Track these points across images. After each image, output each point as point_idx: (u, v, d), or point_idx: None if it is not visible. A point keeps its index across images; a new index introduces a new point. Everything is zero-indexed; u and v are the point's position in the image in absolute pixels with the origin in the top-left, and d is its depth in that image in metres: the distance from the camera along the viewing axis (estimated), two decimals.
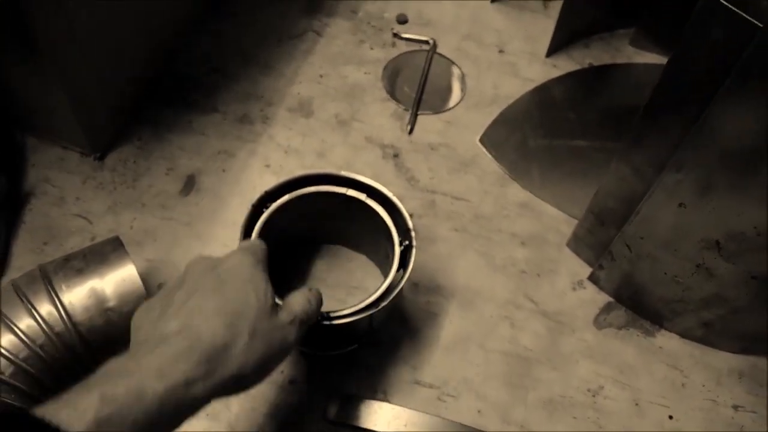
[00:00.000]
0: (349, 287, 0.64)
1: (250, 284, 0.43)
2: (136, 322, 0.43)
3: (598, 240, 0.65)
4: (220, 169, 0.71)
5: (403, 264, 0.56)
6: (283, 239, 0.60)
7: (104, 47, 0.65)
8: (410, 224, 0.57)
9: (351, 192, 0.59)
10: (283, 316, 0.44)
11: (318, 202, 0.59)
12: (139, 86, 0.74)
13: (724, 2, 0.43)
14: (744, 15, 0.43)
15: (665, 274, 0.60)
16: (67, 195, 0.68)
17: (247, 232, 0.56)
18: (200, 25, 0.81)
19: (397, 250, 0.56)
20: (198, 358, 0.38)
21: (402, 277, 0.55)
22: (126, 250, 0.55)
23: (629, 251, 0.60)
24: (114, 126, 0.72)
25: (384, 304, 0.53)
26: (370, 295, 0.54)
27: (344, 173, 0.59)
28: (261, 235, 0.56)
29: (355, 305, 0.53)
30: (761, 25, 0.42)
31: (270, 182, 0.58)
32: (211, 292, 0.42)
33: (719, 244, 0.54)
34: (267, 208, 0.57)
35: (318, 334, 0.54)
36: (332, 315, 0.52)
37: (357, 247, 0.66)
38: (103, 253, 0.54)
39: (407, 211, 0.57)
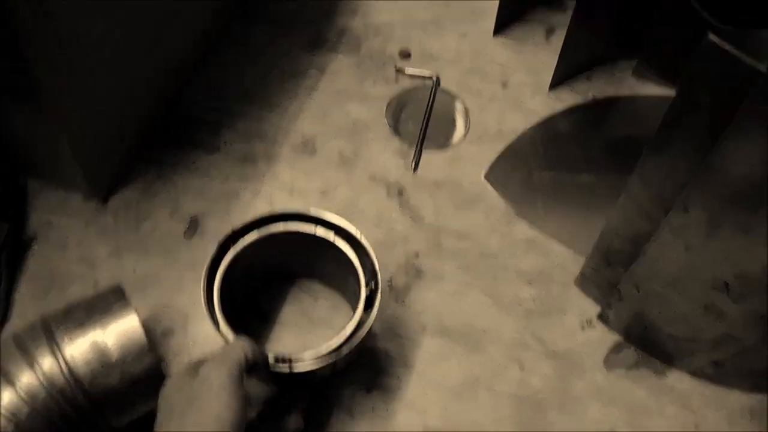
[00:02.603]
0: (316, 324, 0.64)
1: (225, 401, 0.44)
2: None
3: (606, 279, 0.64)
4: (224, 211, 0.70)
5: (370, 306, 0.56)
6: (251, 274, 0.61)
7: (107, 92, 0.66)
8: (377, 266, 0.56)
9: (319, 231, 0.59)
10: (251, 414, 0.48)
11: (286, 240, 0.60)
12: (142, 127, 0.74)
13: (727, 47, 0.42)
14: (746, 59, 0.42)
15: (674, 313, 0.59)
16: (69, 239, 0.68)
17: (211, 272, 0.56)
18: (203, 63, 0.81)
19: (363, 292, 0.56)
20: None
21: (367, 321, 0.54)
22: (128, 301, 0.54)
23: (637, 291, 0.60)
24: (117, 168, 0.72)
25: (347, 351, 0.53)
26: (333, 340, 0.53)
27: (313, 211, 0.59)
28: (226, 273, 0.56)
29: (317, 351, 0.53)
30: (764, 70, 0.41)
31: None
32: (189, 412, 0.43)
33: (728, 285, 0.53)
34: (234, 246, 0.57)
35: (277, 381, 0.54)
36: (292, 361, 0.52)
37: (327, 282, 0.66)
38: (106, 304, 0.54)
39: (412, 250, 0.57)
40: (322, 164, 0.74)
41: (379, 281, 0.56)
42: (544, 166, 0.75)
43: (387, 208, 0.71)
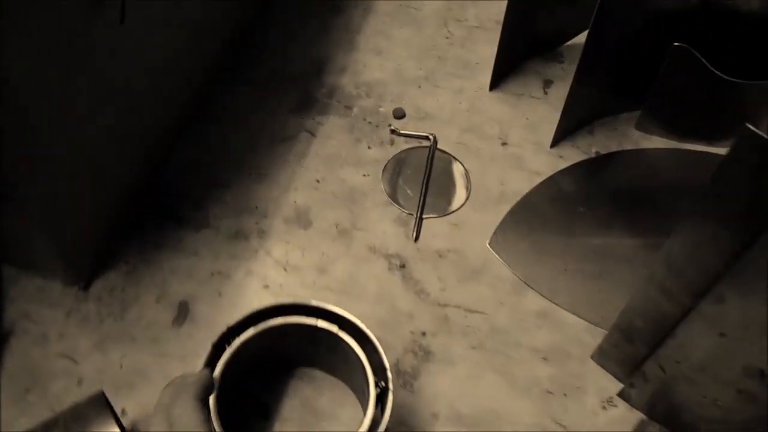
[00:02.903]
0: (321, 417, 0.59)
1: None
2: None
3: (626, 355, 0.60)
4: (215, 293, 0.66)
5: (380, 404, 0.51)
6: (251, 367, 0.57)
7: (81, 175, 0.61)
8: (386, 364, 0.52)
9: (321, 323, 0.55)
10: None
11: (287, 334, 0.55)
12: (122, 205, 0.70)
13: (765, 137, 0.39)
14: None
15: (704, 397, 0.55)
16: (49, 332, 0.63)
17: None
18: (185, 131, 0.77)
19: (372, 392, 0.51)
20: None
21: (380, 426, 0.50)
22: (111, 411, 0.49)
23: (663, 373, 0.56)
24: (97, 252, 0.67)
25: None
26: None
27: (314, 302, 0.55)
28: (225, 371, 0.52)
29: None
30: None
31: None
32: None
33: (763, 373, 0.50)
34: (230, 344, 0.53)
35: None
36: None
37: (332, 372, 0.61)
38: (86, 418, 0.49)
39: (418, 329, 0.53)
40: (317, 237, 0.70)
41: (390, 379, 0.52)
42: (551, 229, 0.71)
43: (389, 282, 0.67)
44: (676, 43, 0.69)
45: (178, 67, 0.72)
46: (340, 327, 0.54)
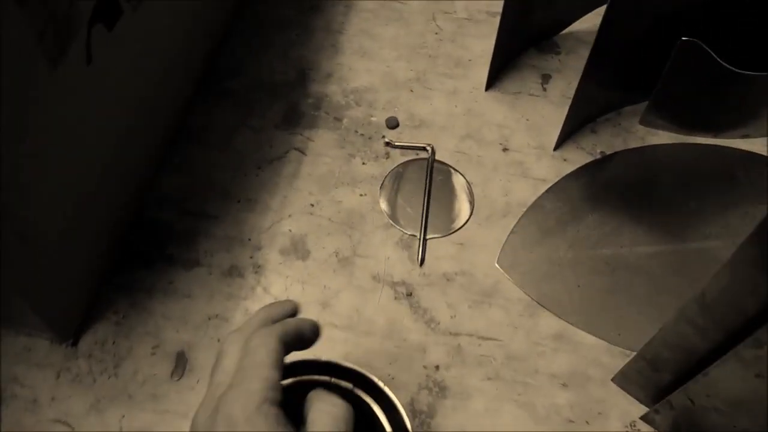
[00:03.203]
0: None
1: (259, 415, 0.37)
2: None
3: (651, 381, 0.58)
4: (214, 339, 0.62)
5: None
6: None
7: (59, 220, 0.56)
8: (408, 424, 0.47)
9: (335, 380, 0.51)
10: None
11: (297, 391, 0.52)
12: (106, 249, 0.65)
13: None
14: None
15: (734, 426, 0.53)
16: (40, 395, 0.59)
17: None
18: (166, 158, 0.72)
19: None
20: None
21: None
22: None
23: (692, 404, 0.54)
24: (84, 303, 0.63)
25: None
26: None
27: (325, 359, 0.51)
28: None
29: None
30: None
31: None
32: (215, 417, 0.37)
33: None
34: None
35: None
36: None
37: None
38: None
39: (431, 363, 0.50)
40: (317, 268, 0.66)
41: None
42: (559, 242, 0.68)
43: (397, 313, 0.64)
44: (684, 38, 0.65)
45: (156, 95, 0.66)
46: (356, 384, 0.51)
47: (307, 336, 0.45)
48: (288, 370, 0.51)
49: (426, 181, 0.71)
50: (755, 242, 0.41)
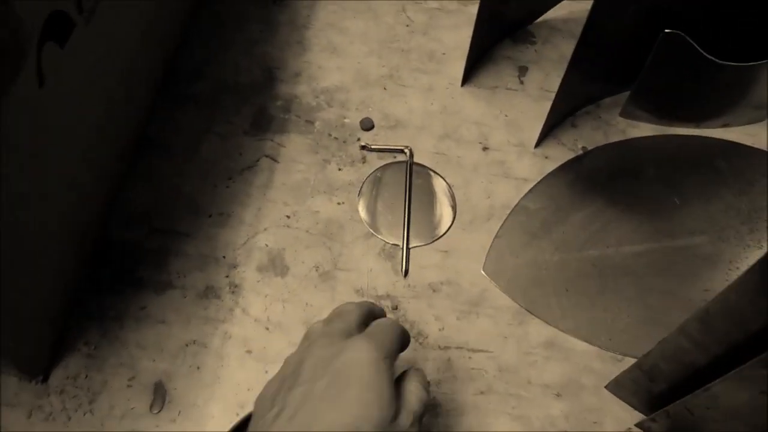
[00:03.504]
0: None
1: (372, 392, 0.38)
2: (256, 410, 0.43)
3: (645, 390, 0.57)
4: (193, 367, 0.59)
5: None
6: None
7: (19, 248, 0.52)
8: None
9: None
10: (403, 421, 0.39)
11: None
12: (72, 275, 0.61)
13: None
14: None
15: None
16: None
17: None
18: (129, 171, 0.67)
19: None
20: None
21: None
22: None
23: (691, 415, 0.53)
24: (51, 335, 0.59)
25: None
26: None
27: None
28: None
29: None
30: None
31: (254, 373, 0.54)
32: (327, 400, 0.38)
33: None
34: None
35: None
36: None
37: None
38: None
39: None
40: (297, 285, 0.63)
41: None
42: (545, 245, 0.66)
43: None
44: (667, 30, 0.63)
45: (115, 108, 0.61)
46: None
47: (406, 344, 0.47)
48: None
49: (406, 186, 0.68)
50: (762, 269, 0.40)
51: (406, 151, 0.70)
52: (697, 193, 0.70)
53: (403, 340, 0.45)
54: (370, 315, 0.47)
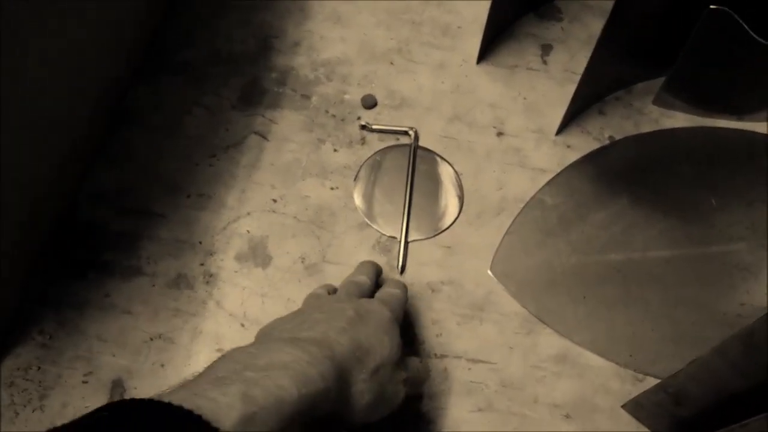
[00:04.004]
0: None
1: (386, 334, 0.44)
2: (264, 329, 0.44)
3: (671, 414, 0.49)
4: (157, 364, 0.53)
5: None
6: None
7: None
8: None
9: None
10: (401, 374, 0.44)
11: None
12: (29, 257, 0.55)
13: None
14: None
15: None
16: None
17: None
18: (102, 146, 0.61)
19: None
20: (332, 372, 0.38)
21: None
22: None
23: None
24: (3, 321, 0.53)
25: None
26: None
27: None
28: None
29: None
30: None
31: None
32: (347, 322, 0.43)
33: None
34: None
35: None
36: None
37: None
38: None
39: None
40: (279, 278, 0.56)
41: None
42: (563, 246, 0.59)
43: None
44: (712, 6, 0.55)
45: (81, 72, 0.55)
46: None
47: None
48: None
49: (408, 172, 0.61)
50: None
51: (410, 132, 0.62)
52: (737, 195, 0.62)
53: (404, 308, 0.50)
54: (378, 276, 0.52)
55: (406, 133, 0.63)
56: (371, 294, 0.49)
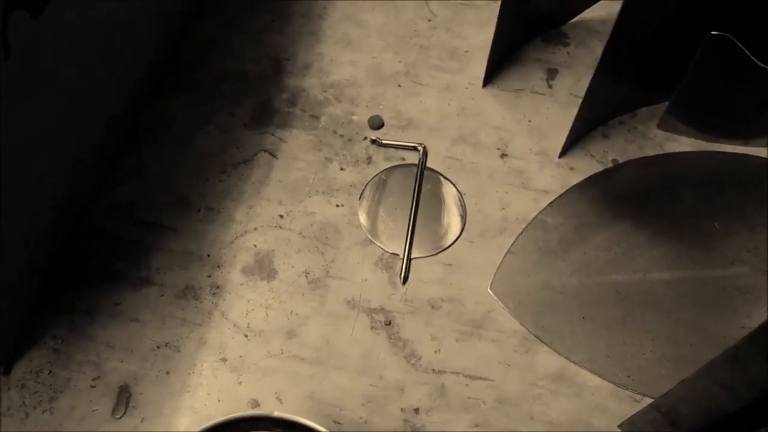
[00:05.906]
0: None
1: None
2: None
3: None
4: (162, 372, 0.54)
5: None
6: None
7: None
8: None
9: None
10: None
11: None
12: (43, 264, 0.57)
13: None
14: None
15: None
16: None
17: None
18: (117, 161, 0.63)
19: None
20: None
21: None
22: None
23: None
24: (17, 325, 0.55)
25: None
26: None
27: (277, 414, 0.44)
28: None
29: None
30: None
31: (227, 383, 0.49)
32: None
33: None
34: None
35: None
36: None
37: None
38: None
39: (410, 405, 0.46)
40: (284, 291, 0.58)
41: None
42: (564, 266, 0.60)
43: (373, 345, 0.56)
44: (713, 32, 0.56)
45: (98, 89, 0.57)
46: None
47: None
48: (235, 428, 0.44)
49: (414, 190, 0.62)
50: None
51: (419, 148, 0.64)
52: (740, 219, 0.62)
53: None
54: None
55: (414, 148, 0.64)
56: None
